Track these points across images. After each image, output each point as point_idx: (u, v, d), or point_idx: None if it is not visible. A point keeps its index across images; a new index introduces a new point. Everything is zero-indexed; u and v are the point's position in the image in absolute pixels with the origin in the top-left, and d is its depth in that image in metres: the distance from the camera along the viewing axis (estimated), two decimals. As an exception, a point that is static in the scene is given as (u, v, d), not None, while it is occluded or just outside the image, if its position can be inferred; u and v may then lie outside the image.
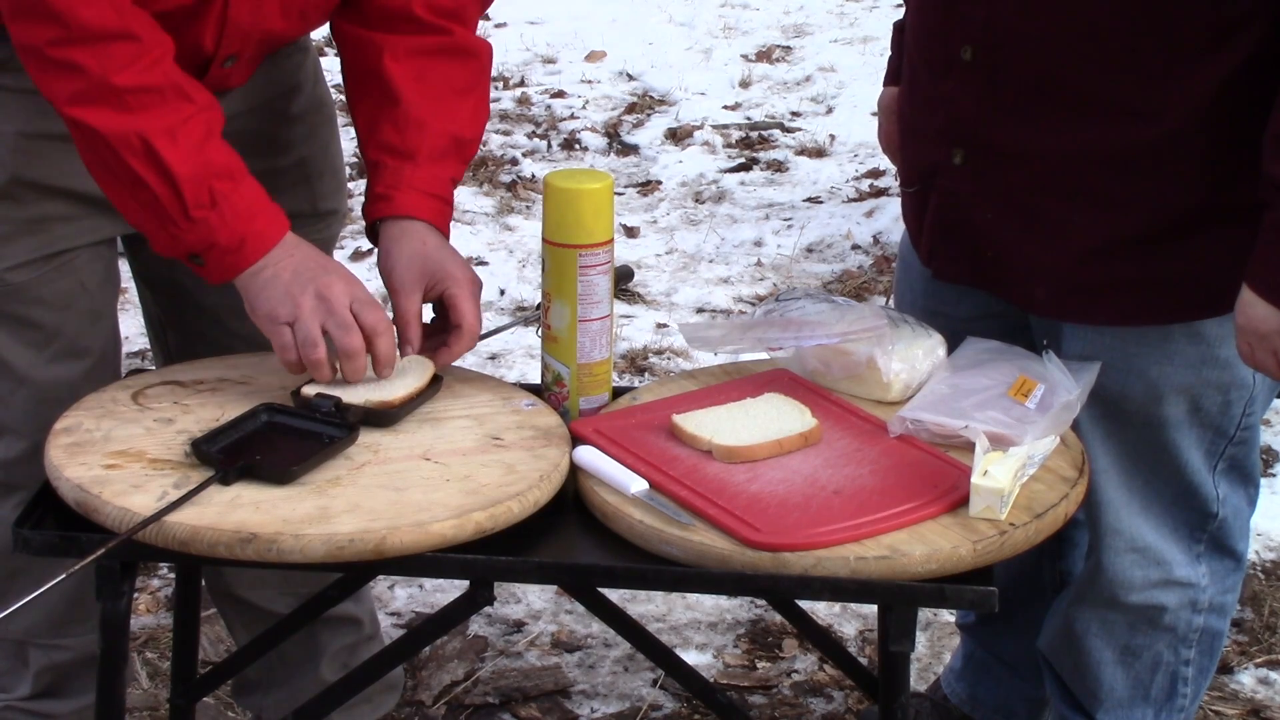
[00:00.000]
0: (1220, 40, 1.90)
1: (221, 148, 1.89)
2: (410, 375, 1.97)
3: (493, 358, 4.05)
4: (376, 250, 2.06)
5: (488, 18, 7.20)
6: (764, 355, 2.13)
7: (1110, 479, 2.16)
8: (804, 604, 2.44)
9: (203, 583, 2.36)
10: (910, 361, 2.00)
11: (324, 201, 2.29)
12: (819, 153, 5.73)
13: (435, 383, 1.98)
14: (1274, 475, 3.61)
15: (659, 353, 4.16)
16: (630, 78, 6.52)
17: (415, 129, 2.03)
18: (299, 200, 2.24)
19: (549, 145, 5.80)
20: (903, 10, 2.27)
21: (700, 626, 3.05)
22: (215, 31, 1.97)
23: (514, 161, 5.59)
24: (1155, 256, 2.01)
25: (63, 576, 1.64)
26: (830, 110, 6.15)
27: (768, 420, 1.89)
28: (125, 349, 3.60)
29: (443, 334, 2.02)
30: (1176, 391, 2.09)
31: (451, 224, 2.14)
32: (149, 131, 1.82)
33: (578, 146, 5.80)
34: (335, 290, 1.89)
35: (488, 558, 1.72)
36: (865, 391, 2.01)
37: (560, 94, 6.32)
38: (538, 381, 2.06)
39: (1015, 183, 2.03)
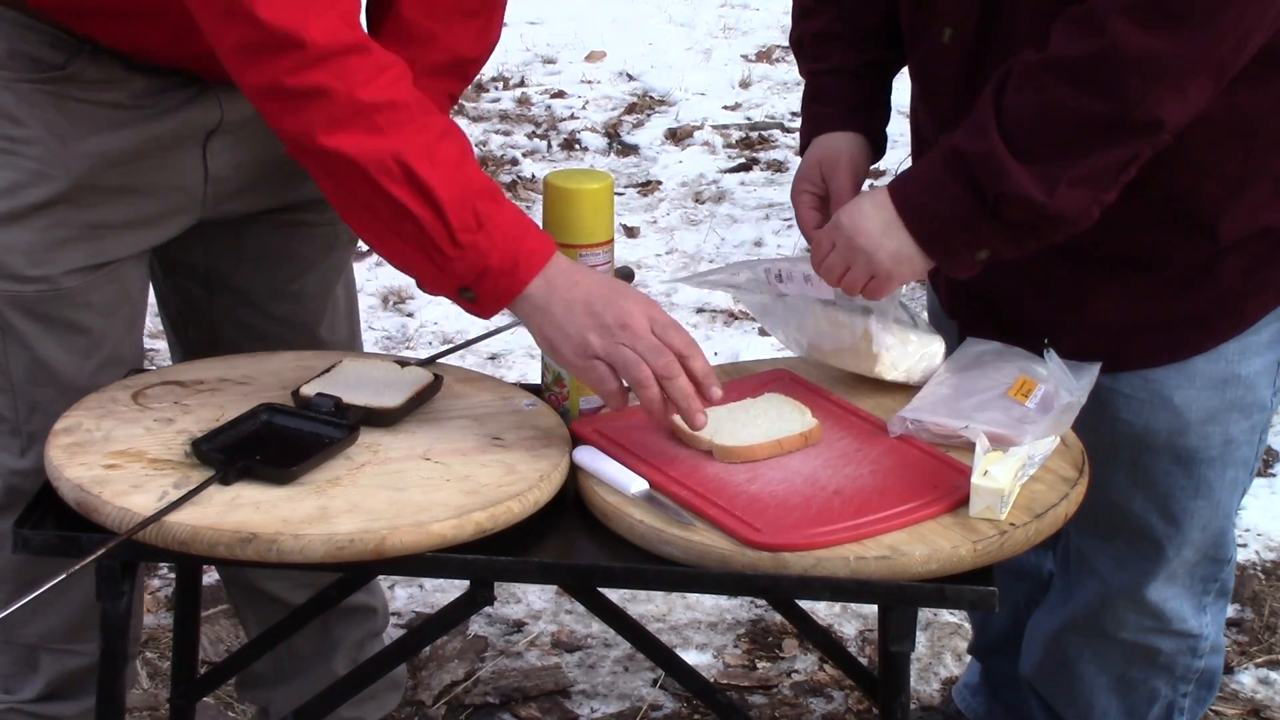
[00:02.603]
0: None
1: (477, 168, 1.82)
2: (410, 379, 1.97)
3: (493, 358, 4.05)
4: None
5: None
6: (763, 356, 2.13)
7: (1143, 538, 2.11)
8: (804, 604, 2.44)
9: (204, 581, 2.35)
10: (903, 341, 1.98)
11: None
12: (819, 153, 5.72)
13: (435, 383, 1.98)
14: (1274, 475, 3.61)
15: (659, 353, 4.16)
16: (630, 78, 6.52)
17: (417, 45, 1.99)
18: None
19: (549, 145, 5.80)
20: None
21: (700, 626, 3.05)
22: None
23: (514, 161, 5.59)
24: (1179, 297, 1.99)
25: (62, 576, 1.64)
26: (830, 110, 6.14)
27: (768, 420, 1.89)
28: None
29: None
30: (1204, 421, 2.05)
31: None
32: (406, 153, 1.75)
33: (578, 146, 5.80)
34: (633, 315, 1.80)
35: (488, 558, 1.72)
36: (855, 364, 2.00)
37: (560, 94, 6.32)
38: (538, 381, 2.06)
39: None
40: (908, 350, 1.99)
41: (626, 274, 4.86)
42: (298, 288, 2.27)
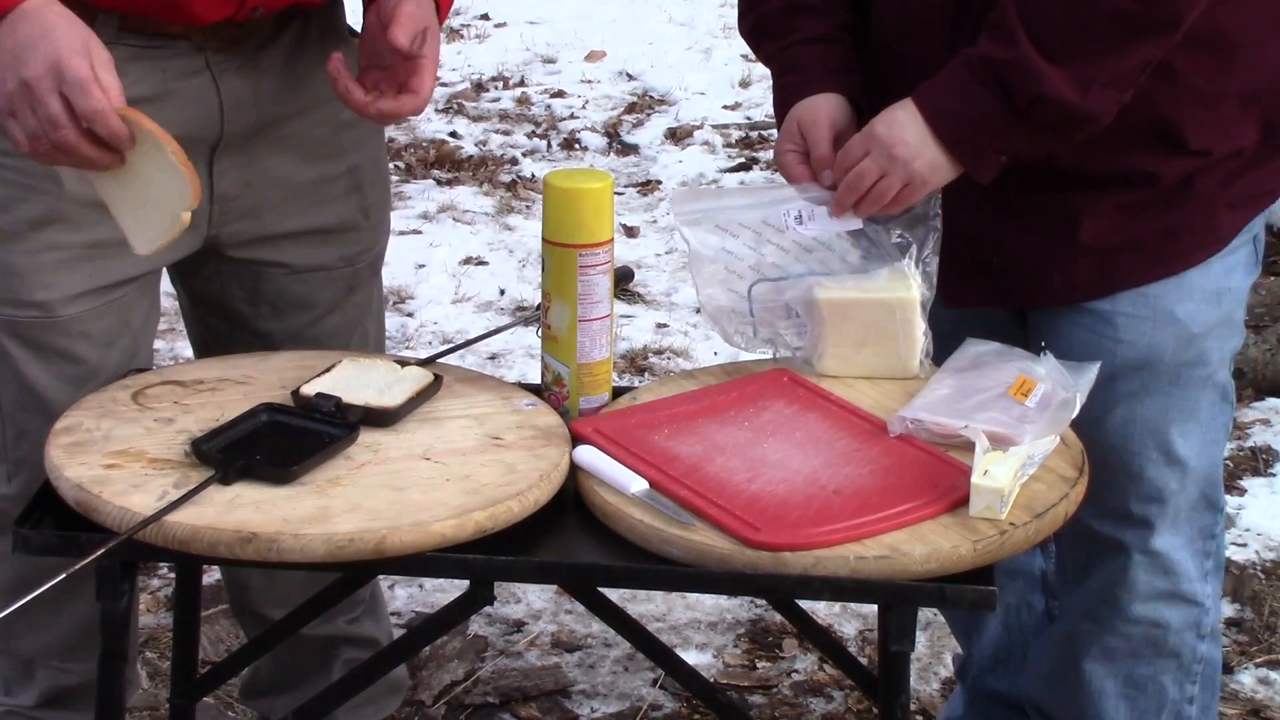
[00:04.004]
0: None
1: None
2: (410, 379, 1.97)
3: (493, 358, 4.05)
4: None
5: (487, 17, 7.20)
6: (764, 355, 2.12)
7: (1143, 478, 2.12)
8: (804, 604, 2.44)
9: (204, 581, 2.35)
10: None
11: (375, 211, 2.27)
12: (819, 152, 5.72)
13: (435, 383, 1.98)
14: (1274, 475, 3.61)
15: (659, 353, 4.16)
16: (630, 78, 6.52)
17: None
18: (351, 209, 2.22)
19: (549, 145, 5.80)
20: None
21: (700, 626, 3.05)
22: None
23: (514, 161, 5.59)
24: (1164, 213, 2.01)
25: (62, 576, 1.64)
26: (830, 110, 6.14)
27: None
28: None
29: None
30: (1204, 334, 2.07)
31: (451, 223, 2.13)
32: None
33: (578, 146, 5.80)
34: (39, 72, 1.74)
35: (488, 558, 1.72)
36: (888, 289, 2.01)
37: (560, 94, 6.32)
38: (538, 381, 2.06)
39: (1004, 186, 1.99)
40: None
41: (626, 274, 4.88)
42: (317, 332, 2.25)
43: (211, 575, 2.96)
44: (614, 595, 2.51)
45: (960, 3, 1.96)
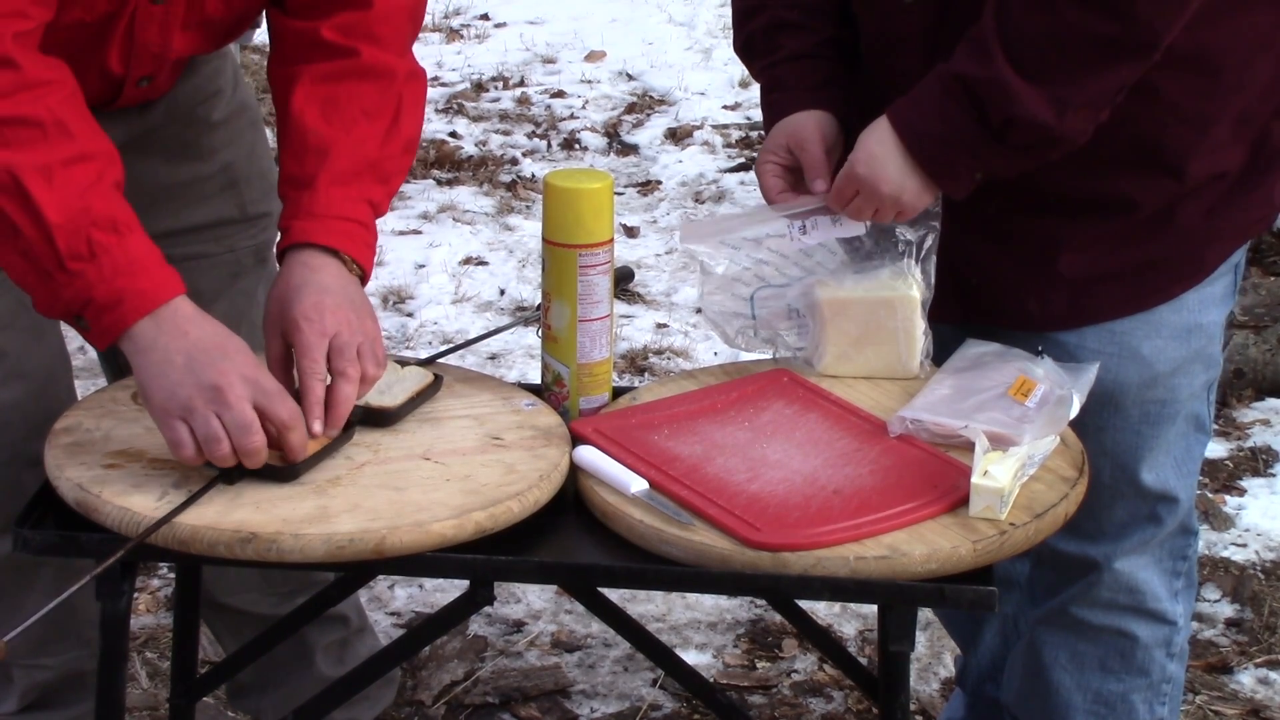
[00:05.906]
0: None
1: (109, 197, 1.75)
2: (410, 379, 1.97)
3: (493, 358, 4.05)
4: None
5: (487, 17, 7.20)
6: (764, 356, 2.12)
7: (1111, 495, 2.11)
8: (804, 604, 2.44)
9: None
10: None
11: (253, 205, 2.24)
12: (819, 152, 5.72)
13: (435, 383, 1.98)
14: (1274, 475, 3.61)
15: (659, 353, 4.16)
16: (630, 78, 6.52)
17: (314, 156, 1.92)
18: (227, 206, 2.21)
19: (549, 145, 5.79)
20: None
21: (700, 626, 3.05)
22: (123, 52, 1.93)
23: (514, 161, 5.59)
24: (1144, 243, 2.00)
25: (85, 581, 1.64)
26: (830, 110, 6.14)
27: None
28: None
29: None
30: (1171, 373, 2.06)
31: (451, 223, 2.11)
32: (20, 168, 1.69)
33: (578, 146, 5.80)
34: (231, 380, 1.72)
35: (488, 557, 1.72)
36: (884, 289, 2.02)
37: (560, 94, 6.31)
38: (538, 381, 2.06)
39: (986, 207, 1.99)
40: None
41: (626, 274, 4.87)
42: None
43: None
44: (614, 595, 2.51)
45: (939, 18, 1.95)
